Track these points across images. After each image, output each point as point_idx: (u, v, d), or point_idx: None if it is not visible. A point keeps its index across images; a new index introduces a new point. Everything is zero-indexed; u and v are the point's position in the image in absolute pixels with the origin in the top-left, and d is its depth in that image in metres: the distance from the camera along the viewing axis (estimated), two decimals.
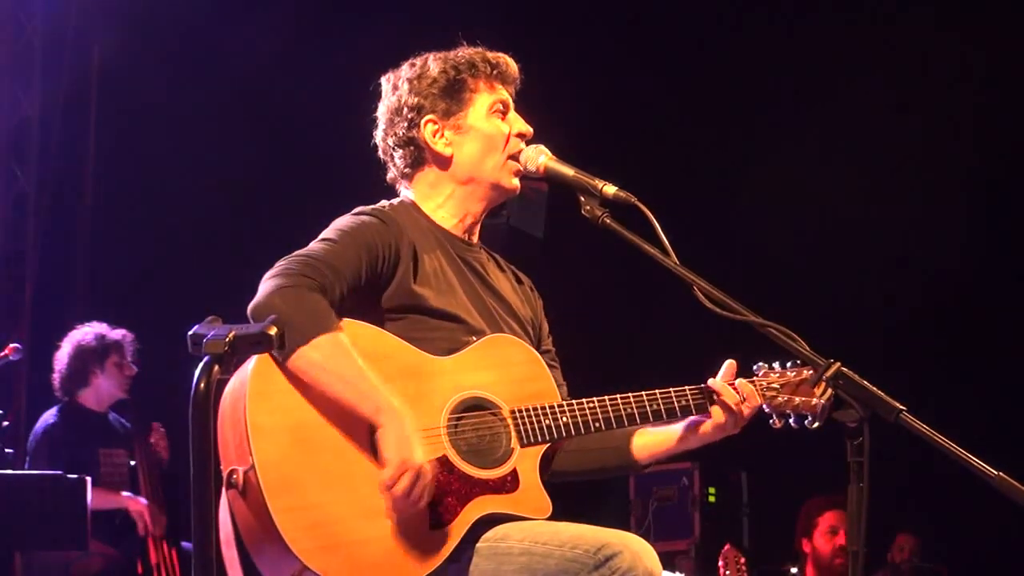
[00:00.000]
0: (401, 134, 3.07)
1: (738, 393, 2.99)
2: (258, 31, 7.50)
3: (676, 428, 3.07)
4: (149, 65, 7.72)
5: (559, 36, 7.91)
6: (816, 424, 2.96)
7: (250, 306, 2.73)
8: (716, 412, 2.99)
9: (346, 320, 2.79)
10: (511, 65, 3.13)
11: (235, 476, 2.66)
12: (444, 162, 3.06)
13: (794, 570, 7.09)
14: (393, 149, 3.09)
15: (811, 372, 2.94)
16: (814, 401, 2.96)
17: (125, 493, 6.36)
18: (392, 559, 2.69)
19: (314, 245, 2.87)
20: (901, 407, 2.52)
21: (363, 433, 2.74)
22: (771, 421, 3.03)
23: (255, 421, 2.65)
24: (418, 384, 2.81)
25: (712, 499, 7.77)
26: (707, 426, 3.01)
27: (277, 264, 2.79)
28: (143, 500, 6.36)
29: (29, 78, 8.05)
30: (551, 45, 7.26)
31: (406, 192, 3.13)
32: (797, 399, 3.00)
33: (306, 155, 7.93)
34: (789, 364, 3.03)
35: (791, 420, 3.02)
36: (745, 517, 7.93)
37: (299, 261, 2.78)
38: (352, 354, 2.72)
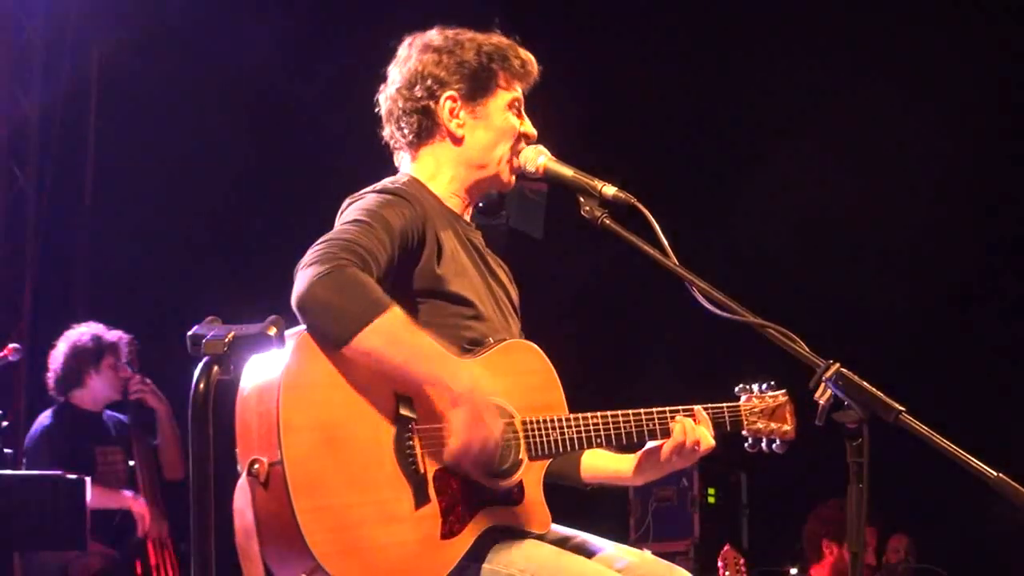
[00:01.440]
0: (417, 103, 3.03)
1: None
2: (258, 31, 7.50)
3: (629, 458, 3.08)
4: (149, 65, 7.71)
5: (557, 34, 7.91)
6: (783, 450, 3.08)
7: (293, 300, 2.64)
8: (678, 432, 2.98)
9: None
10: (535, 67, 3.13)
11: (257, 466, 2.60)
12: (455, 141, 3.04)
13: (794, 571, 7.08)
14: (403, 113, 3.05)
15: (786, 397, 3.09)
16: (785, 428, 3.08)
17: (127, 492, 6.35)
18: (404, 567, 2.68)
19: (345, 227, 2.77)
20: (900, 408, 2.51)
21: (387, 432, 2.71)
22: (747, 444, 3.09)
23: (287, 416, 2.59)
24: None
25: (711, 500, 7.78)
26: (664, 452, 3.00)
27: (310, 251, 2.69)
28: (145, 502, 6.35)
29: (29, 78, 8.04)
30: (549, 43, 7.25)
31: (407, 165, 3.10)
32: (772, 425, 3.08)
33: (307, 155, 7.93)
34: (766, 387, 3.10)
35: (763, 444, 3.09)
36: (744, 518, 7.94)
37: (334, 244, 2.68)
38: (416, 332, 2.68)
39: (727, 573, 5.72)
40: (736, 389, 3.11)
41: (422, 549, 2.70)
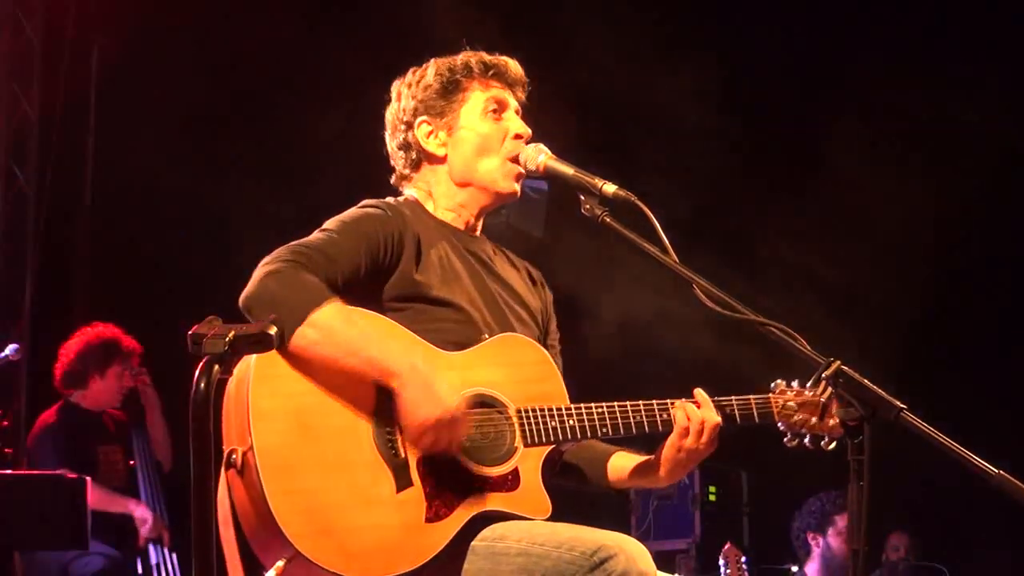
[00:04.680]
0: (401, 137, 3.13)
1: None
2: (258, 31, 7.50)
3: (651, 460, 3.07)
4: (149, 65, 7.71)
5: (557, 33, 7.91)
6: (832, 445, 2.99)
7: (243, 294, 2.74)
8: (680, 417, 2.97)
9: (358, 310, 2.79)
10: (511, 66, 3.15)
11: (234, 456, 2.66)
12: (438, 162, 3.10)
13: (794, 569, 7.09)
14: (395, 152, 3.15)
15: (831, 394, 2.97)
16: (831, 423, 3.00)
17: (132, 502, 6.33)
18: (385, 549, 2.69)
19: (312, 235, 2.89)
20: (902, 406, 2.51)
21: (366, 419, 2.74)
22: (785, 439, 3.05)
23: (257, 403, 2.66)
24: None
25: (712, 498, 7.77)
26: (673, 440, 2.99)
27: (271, 254, 2.81)
28: (149, 509, 6.34)
29: (29, 78, 8.05)
30: (549, 42, 7.27)
31: (408, 192, 3.16)
32: (813, 419, 3.03)
33: (307, 156, 7.92)
34: (809, 384, 3.04)
35: (806, 440, 3.04)
36: (745, 516, 7.93)
37: (291, 249, 2.81)
38: (352, 322, 2.72)
39: (728, 571, 5.73)
40: (772, 384, 3.08)
41: (404, 532, 2.71)
